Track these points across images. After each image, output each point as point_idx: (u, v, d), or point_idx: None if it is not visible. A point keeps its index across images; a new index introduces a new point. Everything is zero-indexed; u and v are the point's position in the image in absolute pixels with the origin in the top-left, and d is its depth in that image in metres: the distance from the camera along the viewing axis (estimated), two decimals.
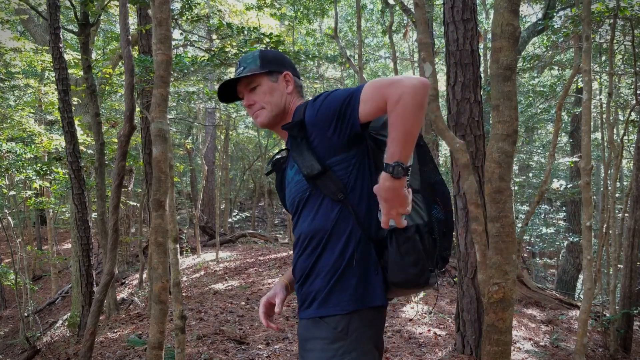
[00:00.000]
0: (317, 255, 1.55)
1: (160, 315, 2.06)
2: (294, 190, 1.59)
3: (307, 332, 1.55)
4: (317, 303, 1.54)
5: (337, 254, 1.54)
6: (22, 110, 8.56)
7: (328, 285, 1.54)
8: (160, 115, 2.18)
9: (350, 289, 1.53)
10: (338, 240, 1.53)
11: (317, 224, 1.54)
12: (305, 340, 1.55)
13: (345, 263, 1.53)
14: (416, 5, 2.69)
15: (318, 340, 1.51)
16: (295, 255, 1.63)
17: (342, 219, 1.53)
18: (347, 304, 1.52)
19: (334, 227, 1.53)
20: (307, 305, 1.57)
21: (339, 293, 1.53)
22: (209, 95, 8.65)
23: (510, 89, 1.81)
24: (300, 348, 1.58)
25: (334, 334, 1.50)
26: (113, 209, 3.89)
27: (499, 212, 1.84)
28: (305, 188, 1.54)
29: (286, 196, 1.67)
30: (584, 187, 3.70)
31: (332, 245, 1.54)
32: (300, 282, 1.60)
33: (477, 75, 4.58)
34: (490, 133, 1.85)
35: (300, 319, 1.59)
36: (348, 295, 1.53)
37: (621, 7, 5.44)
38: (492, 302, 1.84)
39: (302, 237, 1.58)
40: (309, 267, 1.56)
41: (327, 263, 1.54)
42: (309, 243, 1.56)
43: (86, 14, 5.76)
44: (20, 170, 6.87)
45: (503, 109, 1.81)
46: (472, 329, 4.52)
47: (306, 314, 1.56)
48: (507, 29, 1.79)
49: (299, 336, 1.60)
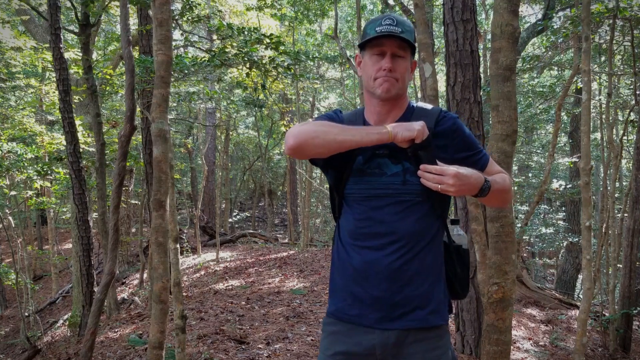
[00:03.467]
0: (420, 259, 1.56)
1: (161, 314, 2.07)
2: (396, 186, 1.56)
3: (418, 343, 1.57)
4: (426, 311, 1.57)
5: (438, 263, 1.62)
6: (23, 110, 8.57)
7: (434, 291, 1.59)
8: (160, 116, 2.19)
9: (446, 300, 1.63)
10: (436, 249, 1.61)
11: (419, 229, 1.57)
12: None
13: (439, 274, 1.62)
14: (416, 6, 2.70)
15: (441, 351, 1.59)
16: (384, 252, 1.56)
17: (438, 231, 1.62)
18: (446, 314, 1.61)
19: (435, 237, 1.61)
20: (409, 309, 1.56)
21: (442, 303, 1.61)
22: (209, 96, 8.66)
23: (509, 90, 1.82)
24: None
25: (446, 344, 1.60)
26: (114, 209, 3.90)
27: (499, 212, 1.85)
28: (419, 192, 1.54)
29: (367, 182, 1.58)
30: (584, 187, 3.71)
31: (434, 252, 1.60)
32: (396, 281, 1.56)
33: (476, 76, 4.59)
34: (490, 133, 1.86)
35: (395, 328, 1.56)
36: (445, 306, 1.62)
37: (620, 8, 5.45)
38: (492, 301, 1.86)
39: (400, 235, 1.55)
40: (411, 269, 1.56)
41: (429, 270, 1.59)
42: (408, 243, 1.56)
43: (87, 14, 5.77)
44: (21, 171, 6.88)
45: (502, 109, 1.82)
46: (472, 328, 4.53)
47: (413, 322, 1.56)
48: (507, 29, 1.80)
49: (390, 346, 1.56)
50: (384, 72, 1.52)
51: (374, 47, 1.54)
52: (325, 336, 1.66)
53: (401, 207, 1.55)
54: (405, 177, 1.55)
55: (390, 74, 1.52)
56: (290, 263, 9.64)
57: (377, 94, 1.55)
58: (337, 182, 1.63)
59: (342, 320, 1.61)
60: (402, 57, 1.53)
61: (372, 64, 1.55)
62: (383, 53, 1.53)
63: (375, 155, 1.57)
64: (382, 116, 1.59)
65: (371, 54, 1.55)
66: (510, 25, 1.81)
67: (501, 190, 1.56)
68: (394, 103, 1.59)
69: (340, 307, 1.62)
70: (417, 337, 1.54)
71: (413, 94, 16.23)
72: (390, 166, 1.56)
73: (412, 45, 1.54)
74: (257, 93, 8.78)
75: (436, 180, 1.44)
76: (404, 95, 1.60)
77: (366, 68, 1.57)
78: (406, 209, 1.55)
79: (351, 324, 1.60)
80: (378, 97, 1.56)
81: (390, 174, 1.56)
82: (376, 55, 1.54)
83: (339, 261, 1.65)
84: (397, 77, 1.53)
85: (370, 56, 1.55)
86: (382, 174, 1.56)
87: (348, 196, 1.61)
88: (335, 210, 1.70)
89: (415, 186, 1.53)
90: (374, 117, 1.62)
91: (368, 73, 1.57)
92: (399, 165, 1.56)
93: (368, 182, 1.57)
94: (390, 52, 1.52)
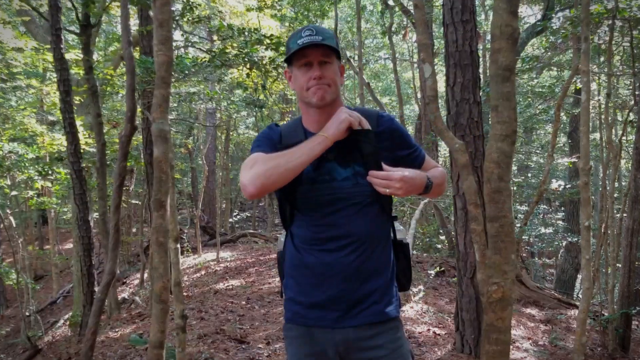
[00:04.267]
0: (375, 257, 1.63)
1: (161, 314, 2.08)
2: (347, 189, 1.60)
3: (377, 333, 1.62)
4: (382, 305, 1.63)
5: (390, 259, 1.69)
6: (24, 110, 8.57)
7: (389, 287, 1.66)
8: (161, 116, 2.20)
9: (397, 294, 1.71)
10: (388, 247, 1.69)
11: (373, 229, 1.63)
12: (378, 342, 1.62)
13: (392, 271, 1.70)
14: (416, 7, 2.71)
15: (400, 340, 1.66)
16: (342, 253, 1.60)
17: (388, 230, 1.70)
18: (399, 308, 1.70)
19: (387, 235, 1.69)
20: (367, 305, 1.61)
21: (395, 297, 1.69)
22: (209, 96, 8.66)
23: (509, 90, 1.82)
24: (359, 351, 1.61)
25: (402, 336, 1.67)
26: (114, 209, 3.90)
27: (498, 212, 1.86)
28: (369, 194, 1.59)
29: (318, 189, 1.61)
30: (583, 187, 3.72)
31: (386, 250, 1.68)
32: (354, 280, 1.61)
33: (476, 76, 4.60)
34: (489, 133, 1.87)
35: (355, 325, 1.61)
36: (398, 300, 1.71)
37: (620, 8, 5.46)
38: (491, 301, 1.86)
39: (356, 237, 1.60)
40: (368, 267, 1.62)
41: (384, 266, 1.65)
42: (364, 244, 1.62)
43: (87, 15, 5.77)
44: (22, 171, 6.89)
45: (502, 109, 1.83)
46: (472, 328, 4.54)
47: (372, 317, 1.62)
48: (506, 30, 1.81)
49: (350, 341, 1.61)
50: (315, 80, 1.56)
51: (300, 59, 1.58)
52: (289, 342, 1.70)
53: (354, 209, 1.60)
54: (357, 180, 1.59)
55: (320, 81, 1.56)
56: None
57: (313, 103, 1.59)
58: (287, 193, 1.64)
59: (300, 324, 1.65)
60: (328, 62, 1.58)
61: (302, 75, 1.59)
62: (310, 63, 1.57)
63: (323, 159, 1.59)
64: (322, 124, 1.61)
65: (299, 65, 1.59)
66: (510, 25, 1.82)
67: (440, 184, 1.69)
68: (331, 109, 1.62)
69: (297, 312, 1.66)
70: (376, 331, 1.60)
71: (412, 95, 16.22)
72: (339, 171, 1.61)
73: (336, 50, 1.59)
74: (257, 93, 8.79)
75: (384, 185, 1.50)
76: (338, 98, 1.64)
77: (297, 80, 1.61)
78: (359, 211, 1.60)
79: (309, 327, 1.64)
80: (315, 105, 1.60)
81: (341, 179, 1.60)
82: (304, 66, 1.58)
83: (292, 267, 1.68)
84: (329, 83, 1.58)
85: (298, 68, 1.60)
86: (332, 179, 1.61)
87: (301, 204, 1.63)
88: (286, 220, 1.71)
89: (365, 188, 1.59)
90: (315, 126, 1.65)
91: (300, 84, 1.60)
92: (349, 169, 1.61)
93: (319, 189, 1.61)
94: (317, 60, 1.56)
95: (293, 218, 1.67)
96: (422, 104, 10.97)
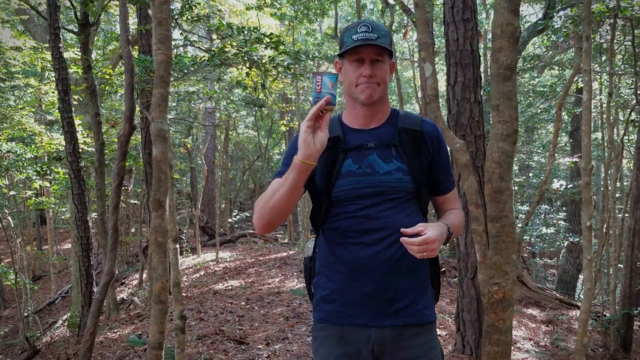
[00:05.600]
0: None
1: (160, 315, 2.05)
2: (389, 183, 1.60)
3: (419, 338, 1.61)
4: (421, 305, 1.61)
5: (425, 262, 1.65)
6: (23, 110, 8.55)
7: (426, 287, 1.65)
8: (160, 115, 2.17)
9: (432, 297, 1.70)
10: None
11: (412, 224, 1.54)
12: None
13: (427, 273, 1.69)
14: (416, 5, 2.69)
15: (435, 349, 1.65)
16: (380, 246, 1.57)
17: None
18: (434, 311, 1.68)
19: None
20: (405, 305, 1.59)
21: (431, 299, 1.68)
22: (209, 95, 8.65)
23: (510, 89, 1.80)
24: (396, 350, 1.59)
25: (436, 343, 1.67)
26: (113, 209, 3.88)
27: (499, 212, 1.84)
28: (410, 190, 1.60)
29: (360, 182, 1.60)
30: (584, 187, 3.70)
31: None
32: (392, 275, 1.58)
33: (477, 75, 4.58)
34: (490, 133, 1.84)
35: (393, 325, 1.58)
36: (434, 304, 1.70)
37: (621, 7, 5.44)
38: (492, 302, 1.84)
39: (395, 229, 1.54)
40: (407, 262, 1.58)
41: (420, 264, 1.62)
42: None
43: (86, 14, 5.75)
44: (20, 170, 6.86)
45: (503, 109, 1.80)
46: (472, 329, 4.51)
47: (411, 318, 1.60)
48: (507, 29, 1.78)
49: (387, 341, 1.58)
50: (365, 78, 1.56)
51: (353, 55, 1.58)
52: (320, 343, 1.64)
53: (394, 203, 1.59)
54: (399, 175, 1.59)
55: (370, 79, 1.56)
56: (290, 263, 9.63)
57: (361, 100, 1.59)
58: (324, 187, 1.62)
59: (334, 324, 1.61)
60: (380, 61, 1.57)
61: (353, 71, 1.59)
62: (362, 60, 1.57)
63: (364, 148, 1.61)
64: (366, 119, 1.64)
65: (350, 60, 1.59)
66: (511, 24, 1.79)
67: (457, 230, 1.68)
68: (378, 107, 1.64)
69: (330, 310, 1.62)
70: (413, 332, 1.57)
71: (413, 94, 16.21)
72: (381, 165, 1.60)
73: (388, 50, 1.58)
74: (256, 93, 8.78)
75: (422, 250, 1.45)
76: (385, 96, 1.65)
77: (347, 74, 1.61)
78: (398, 205, 1.59)
79: (344, 326, 1.59)
80: (362, 102, 1.60)
81: (382, 173, 1.59)
82: (356, 62, 1.58)
83: (325, 264, 1.65)
84: (378, 82, 1.58)
85: (350, 63, 1.59)
86: (374, 172, 1.60)
87: (340, 197, 1.61)
88: (320, 216, 1.66)
89: (407, 184, 1.59)
90: (359, 121, 1.66)
91: (349, 79, 1.60)
92: (391, 164, 1.60)
93: (359, 182, 1.60)
94: (369, 58, 1.56)
95: (328, 213, 1.64)
96: (423, 103, 10.95)
